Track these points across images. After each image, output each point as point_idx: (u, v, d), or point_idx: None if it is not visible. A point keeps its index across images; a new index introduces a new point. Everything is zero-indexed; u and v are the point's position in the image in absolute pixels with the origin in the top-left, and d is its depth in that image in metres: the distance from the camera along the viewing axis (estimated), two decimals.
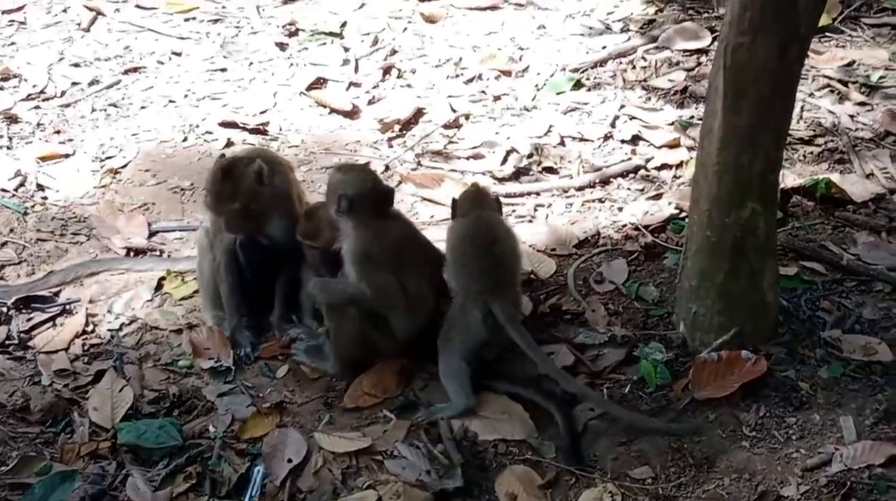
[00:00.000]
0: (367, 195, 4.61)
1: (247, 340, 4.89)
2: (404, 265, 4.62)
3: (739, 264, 4.57)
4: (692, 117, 6.34)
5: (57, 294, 5.20)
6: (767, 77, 4.29)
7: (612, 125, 6.30)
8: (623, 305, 5.03)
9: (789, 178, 5.70)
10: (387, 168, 5.96)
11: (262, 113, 6.41)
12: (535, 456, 4.40)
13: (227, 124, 6.29)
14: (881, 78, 6.63)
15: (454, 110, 6.42)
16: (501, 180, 5.89)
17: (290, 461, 4.37)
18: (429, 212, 5.68)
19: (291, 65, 6.84)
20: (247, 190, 4.79)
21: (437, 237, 5.18)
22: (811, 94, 6.52)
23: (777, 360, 4.62)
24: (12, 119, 6.35)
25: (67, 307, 5.13)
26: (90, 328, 5.03)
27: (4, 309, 5.07)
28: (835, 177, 5.72)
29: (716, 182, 4.48)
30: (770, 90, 4.32)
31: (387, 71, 6.78)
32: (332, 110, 6.44)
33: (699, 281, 4.64)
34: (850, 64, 6.77)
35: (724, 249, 4.55)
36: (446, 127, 6.31)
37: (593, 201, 5.76)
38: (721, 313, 4.64)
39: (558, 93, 6.59)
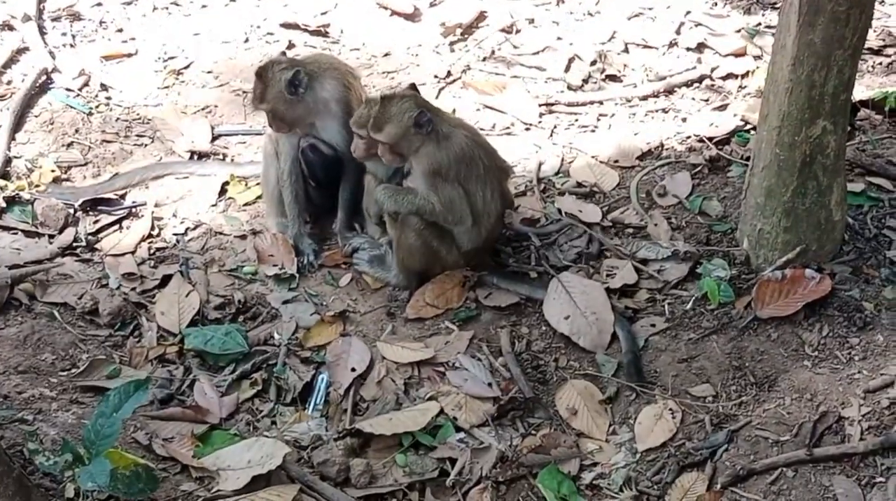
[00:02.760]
0: (429, 106, 4.63)
1: (310, 248, 4.92)
2: (472, 175, 4.61)
3: (807, 182, 4.52)
4: (759, 24, 6.21)
5: (123, 196, 5.25)
6: None
7: (678, 32, 6.19)
8: (686, 220, 5.00)
9: (857, 90, 5.53)
10: (448, 73, 5.90)
11: (323, 14, 6.34)
12: (595, 371, 4.44)
13: (288, 25, 6.23)
14: None
15: (516, 14, 6.32)
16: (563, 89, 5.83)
17: (353, 369, 4.44)
18: (490, 120, 5.63)
19: None
20: (276, 95, 4.77)
21: (500, 147, 5.15)
22: (882, 2, 6.33)
23: (841, 279, 4.59)
24: (75, 16, 6.31)
25: (133, 210, 5.18)
26: (156, 232, 5.08)
27: (72, 211, 5.13)
28: None
29: (787, 99, 4.40)
30: (847, 6, 4.21)
31: None
32: (394, 12, 6.35)
33: (765, 199, 4.59)
34: None
35: (793, 167, 4.49)
36: (507, 32, 6.23)
37: (657, 111, 5.69)
38: (786, 231, 4.60)
39: None
